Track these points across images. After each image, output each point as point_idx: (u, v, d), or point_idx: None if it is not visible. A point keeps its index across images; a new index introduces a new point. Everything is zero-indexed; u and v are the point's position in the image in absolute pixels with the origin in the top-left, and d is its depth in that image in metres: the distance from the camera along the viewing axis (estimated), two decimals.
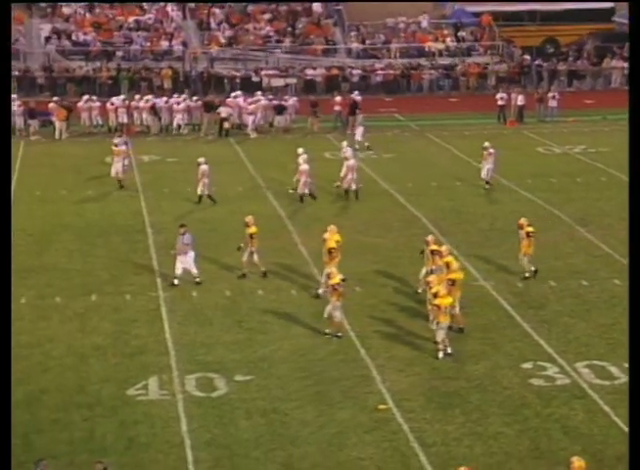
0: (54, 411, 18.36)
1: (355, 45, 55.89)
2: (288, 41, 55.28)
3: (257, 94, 45.06)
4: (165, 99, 44.09)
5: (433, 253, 23.01)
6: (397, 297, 23.92)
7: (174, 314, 22.89)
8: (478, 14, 58.12)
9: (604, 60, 55.18)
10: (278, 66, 53.34)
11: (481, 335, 21.74)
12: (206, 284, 24.72)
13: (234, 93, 45.57)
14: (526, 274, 24.88)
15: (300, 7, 58.27)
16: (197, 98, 44.61)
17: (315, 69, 53.59)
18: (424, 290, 22.81)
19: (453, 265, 21.97)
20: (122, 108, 42.97)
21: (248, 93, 46.14)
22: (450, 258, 22.34)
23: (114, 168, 33.70)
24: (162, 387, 19.32)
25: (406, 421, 18.01)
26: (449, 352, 20.63)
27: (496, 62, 55.21)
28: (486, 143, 34.11)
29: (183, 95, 44.60)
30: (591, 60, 56.08)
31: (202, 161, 31.68)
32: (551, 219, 30.28)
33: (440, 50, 55.78)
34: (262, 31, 55.89)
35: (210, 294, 24.11)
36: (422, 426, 17.85)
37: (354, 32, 56.54)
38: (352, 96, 44.73)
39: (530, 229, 24.60)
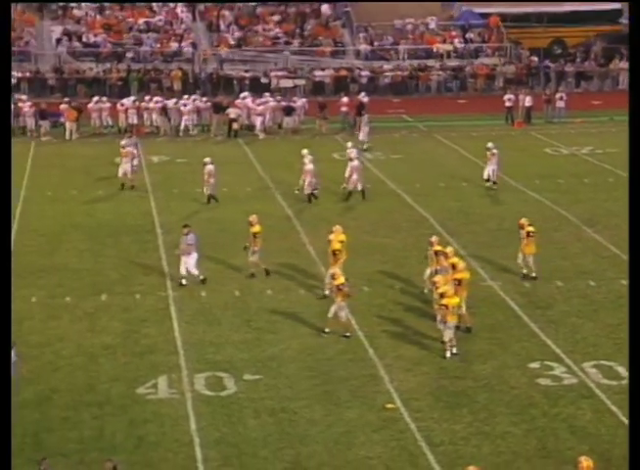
0: (64, 410, 18.43)
1: (364, 46, 55.98)
2: (296, 43, 55.41)
3: (266, 95, 45.22)
4: (175, 100, 44.28)
5: (436, 253, 23.09)
6: (405, 297, 23.97)
7: (183, 314, 22.97)
8: (485, 15, 58.15)
9: (611, 61, 55.20)
10: (287, 67, 53.48)
11: (489, 335, 21.78)
12: (215, 284, 24.83)
13: (242, 94, 45.77)
14: (524, 272, 24.91)
15: (309, 8, 58.41)
16: (206, 99, 44.77)
17: (324, 70, 53.72)
18: (430, 290, 22.89)
19: (459, 265, 22.02)
20: (132, 109, 43.17)
21: (256, 94, 46.34)
22: (456, 260, 22.37)
23: (121, 169, 33.81)
24: (172, 386, 19.38)
25: (414, 420, 18.03)
26: (455, 351, 20.69)
27: (504, 63, 55.27)
28: (490, 144, 34.15)
29: (193, 96, 44.77)
30: (599, 61, 56.10)
31: (207, 160, 31.80)
32: (558, 220, 30.34)
33: (448, 51, 55.85)
34: (271, 33, 56.02)
35: (219, 293, 24.19)
36: (429, 425, 17.88)
37: (363, 34, 56.63)
38: (359, 97, 44.85)
39: (531, 229, 24.61)
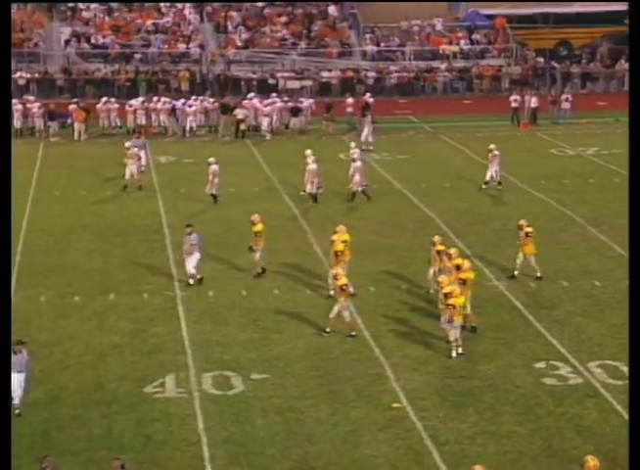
0: (73, 409, 18.49)
1: (370, 48, 56.09)
2: (303, 44, 55.53)
3: (273, 96, 45.36)
4: (183, 101, 44.44)
5: (439, 253, 23.22)
6: (411, 296, 24.03)
7: (191, 313, 23.04)
8: (491, 17, 58.21)
9: (617, 62, 55.21)
10: (294, 68, 53.63)
11: (494, 334, 21.83)
12: (222, 283, 24.92)
13: (249, 95, 45.93)
14: (515, 273, 24.97)
15: (316, 10, 58.55)
16: (214, 100, 44.92)
17: (330, 71, 53.87)
18: (435, 290, 22.95)
19: (464, 265, 22.06)
20: (141, 109, 43.36)
21: (263, 95, 46.48)
22: (460, 261, 22.36)
23: (128, 171, 33.90)
24: (179, 385, 19.43)
25: (420, 419, 18.06)
26: (460, 351, 20.74)
27: (510, 64, 55.33)
28: (492, 145, 34.17)
29: (200, 97, 44.93)
30: (604, 62, 56.13)
31: (212, 160, 31.90)
32: (564, 220, 30.40)
33: (454, 53, 55.95)
34: (278, 34, 56.15)
35: (226, 293, 24.26)
36: (435, 424, 17.91)
37: (369, 35, 56.73)
38: (365, 98, 44.99)
39: (530, 230, 24.69)
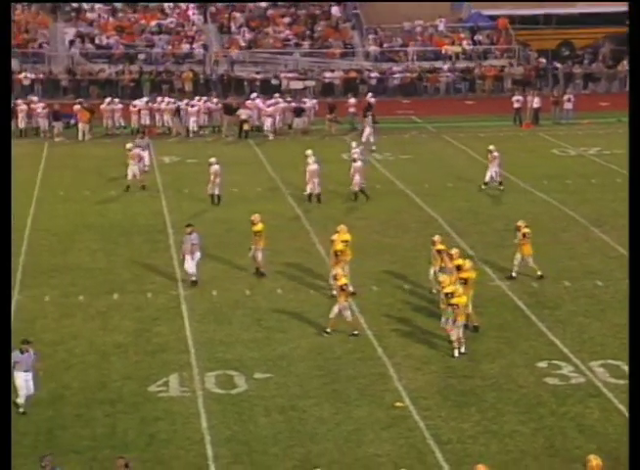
0: (77, 408, 18.56)
1: (373, 48, 56.17)
2: (307, 44, 55.63)
3: (276, 96, 45.46)
4: (187, 101, 44.55)
5: (439, 252, 23.31)
6: (414, 296, 24.09)
7: (194, 313, 23.12)
8: (494, 17, 58.26)
9: (619, 63, 55.25)
10: (297, 68, 53.73)
11: (497, 334, 21.89)
12: (226, 283, 24.99)
13: (252, 95, 46.05)
14: (513, 274, 25.01)
15: (319, 11, 58.65)
16: (217, 100, 45.02)
17: (333, 71, 53.95)
18: (437, 290, 23.02)
19: (466, 265, 22.11)
20: (145, 110, 43.49)
21: (266, 95, 46.58)
22: (461, 261, 22.41)
23: (130, 172, 33.99)
24: (183, 384, 19.50)
25: (422, 419, 18.12)
26: (463, 351, 20.79)
27: (512, 65, 55.40)
28: (491, 146, 34.17)
29: (204, 98, 45.04)
30: (606, 63, 56.17)
31: (213, 161, 31.98)
32: (566, 220, 30.48)
33: (457, 53, 56.00)
34: (282, 35, 56.24)
35: (230, 293, 24.34)
36: (438, 424, 17.96)
37: (372, 36, 56.81)
38: (367, 98, 45.09)
39: (527, 230, 24.77)
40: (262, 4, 58.66)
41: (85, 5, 57.02)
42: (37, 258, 26.99)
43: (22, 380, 18.27)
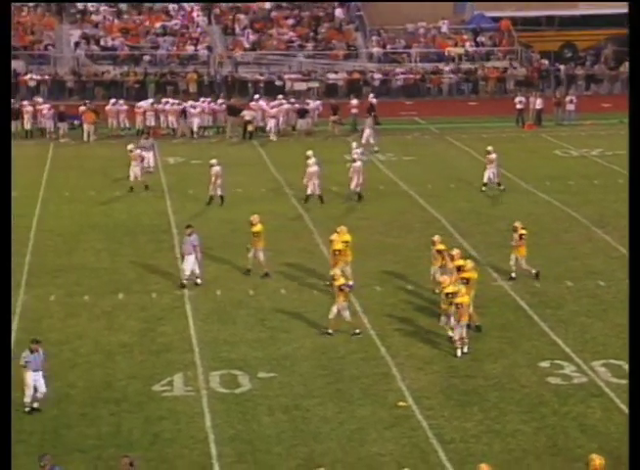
0: (82, 407, 18.63)
1: (376, 50, 56.29)
2: (310, 46, 55.77)
3: (279, 98, 45.60)
4: (191, 103, 44.69)
5: (439, 252, 23.42)
6: (417, 296, 24.15)
7: (199, 312, 23.18)
8: (497, 19, 58.38)
9: (621, 64, 55.33)
10: (301, 70, 53.86)
11: (500, 334, 21.95)
12: (230, 283, 25.07)
13: (255, 96, 46.22)
14: (513, 275, 25.00)
15: (323, 12, 58.79)
16: (221, 101, 45.17)
17: (337, 73, 54.10)
18: (439, 290, 23.09)
19: (467, 265, 22.19)
20: (150, 111, 43.66)
21: (270, 97, 46.71)
22: (462, 262, 22.50)
23: (132, 173, 34.10)
24: (187, 383, 19.56)
25: (425, 418, 18.17)
26: (466, 350, 20.84)
27: (515, 68, 55.49)
28: (489, 147, 34.19)
29: (208, 99, 45.18)
30: (609, 64, 56.25)
31: (214, 162, 32.08)
32: (569, 221, 30.56)
33: (460, 55, 56.11)
34: (285, 36, 56.37)
35: (234, 292, 24.41)
36: (441, 423, 18.01)
37: (375, 37, 56.94)
38: (369, 99, 45.21)
39: (524, 232, 24.84)
40: (267, 6, 58.80)
41: (90, 7, 57.21)
42: (43, 258, 27.10)
43: (32, 379, 18.34)
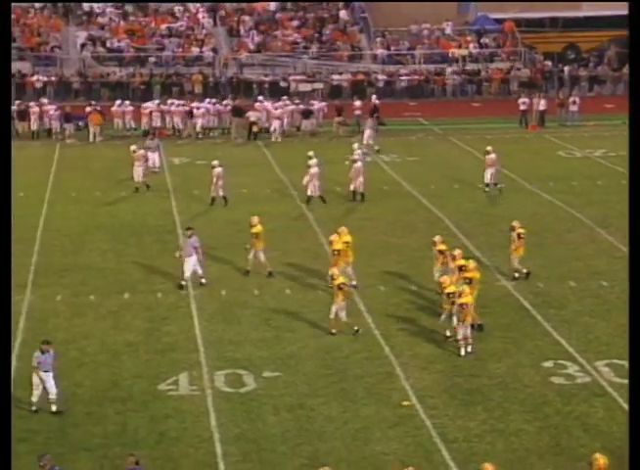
0: (88, 406, 18.73)
1: (380, 51, 56.39)
2: (315, 47, 55.86)
3: (283, 99, 45.71)
4: (196, 104, 44.81)
5: (441, 252, 23.52)
6: (421, 296, 24.23)
7: (204, 312, 23.28)
8: (500, 20, 58.45)
9: (624, 65, 55.35)
10: (305, 71, 53.97)
11: (503, 334, 22.02)
12: (235, 283, 25.16)
13: (259, 97, 46.34)
14: (516, 274, 25.08)
15: (327, 14, 58.90)
16: (226, 102, 45.30)
17: (341, 74, 54.20)
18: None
19: (470, 265, 22.27)
20: (157, 112, 43.81)
21: (275, 98, 46.83)
22: (463, 261, 22.59)
23: (136, 173, 34.29)
24: (192, 383, 19.65)
25: (429, 417, 18.24)
26: (470, 350, 20.92)
27: (518, 67, 55.57)
28: (489, 147, 34.21)
29: (213, 100, 45.33)
30: (612, 65, 56.28)
31: (215, 163, 32.19)
32: (572, 221, 30.63)
33: (464, 56, 56.19)
34: (290, 38, 56.47)
35: (239, 292, 24.50)
36: (444, 422, 18.08)
37: (380, 39, 57.03)
38: (372, 100, 45.31)
39: (522, 231, 24.92)
40: (271, 7, 58.91)
41: (97, 9, 57.38)
42: (49, 258, 27.23)
43: (41, 380, 18.42)
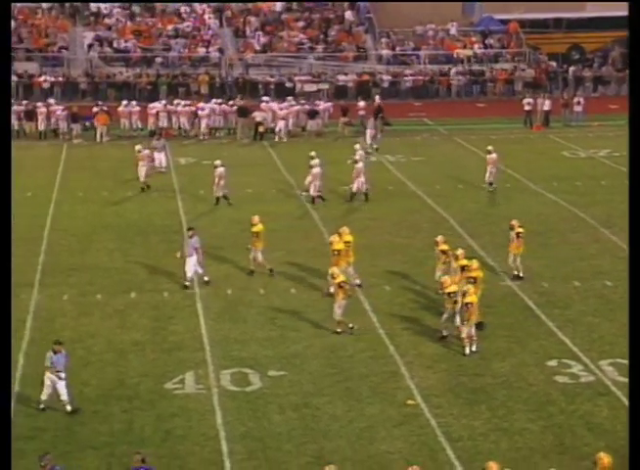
0: (94, 404, 18.80)
1: (386, 52, 56.45)
2: (320, 48, 55.95)
3: (289, 99, 45.81)
4: (202, 105, 44.93)
5: (443, 252, 23.61)
6: (425, 296, 24.28)
7: (209, 311, 23.34)
8: (505, 21, 58.51)
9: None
10: (311, 72, 54.08)
11: (507, 333, 22.08)
12: (240, 282, 25.23)
13: (264, 98, 46.47)
14: (515, 273, 25.16)
15: (333, 15, 59.00)
16: (232, 103, 45.42)
17: (347, 74, 54.28)
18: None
19: (473, 265, 22.31)
20: (163, 112, 43.94)
21: (280, 98, 46.94)
22: (465, 261, 22.63)
23: (139, 173, 34.45)
24: (198, 381, 19.71)
25: (434, 416, 18.29)
26: (474, 349, 20.99)
27: (523, 68, 55.64)
28: (490, 147, 34.26)
29: (219, 100, 45.45)
30: (616, 66, 56.30)
31: (218, 163, 32.26)
32: (576, 221, 30.66)
33: (468, 56, 56.25)
34: (296, 38, 56.56)
35: (244, 292, 24.57)
36: (449, 421, 18.13)
37: (385, 39, 57.09)
38: (376, 100, 45.42)
39: (521, 230, 24.98)
40: (277, 8, 59.01)
41: (104, 10, 57.55)
42: (56, 257, 27.32)
43: (51, 380, 18.54)
